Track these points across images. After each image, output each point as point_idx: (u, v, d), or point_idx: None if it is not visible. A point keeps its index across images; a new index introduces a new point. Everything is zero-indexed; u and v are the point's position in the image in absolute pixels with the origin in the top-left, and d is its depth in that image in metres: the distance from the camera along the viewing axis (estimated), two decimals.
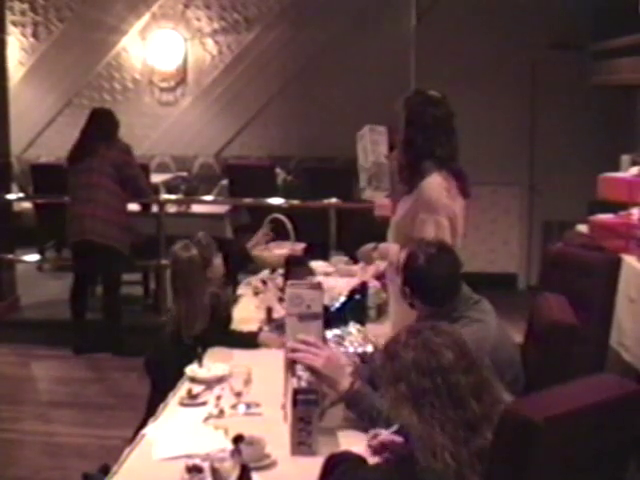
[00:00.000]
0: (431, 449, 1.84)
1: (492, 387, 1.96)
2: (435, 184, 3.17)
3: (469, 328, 2.62)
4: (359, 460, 2.10)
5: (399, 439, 2.08)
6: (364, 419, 2.46)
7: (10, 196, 7.15)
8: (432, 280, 2.71)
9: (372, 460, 2.14)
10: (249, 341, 3.41)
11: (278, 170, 8.57)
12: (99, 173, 5.83)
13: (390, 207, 3.54)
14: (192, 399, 2.81)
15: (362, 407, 2.50)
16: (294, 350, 2.56)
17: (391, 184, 3.53)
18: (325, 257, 5.00)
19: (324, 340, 2.73)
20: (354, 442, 2.38)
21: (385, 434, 2.16)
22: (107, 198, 5.85)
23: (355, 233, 6.49)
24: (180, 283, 3.45)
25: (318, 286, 2.71)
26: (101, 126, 5.95)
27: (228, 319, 3.52)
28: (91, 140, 5.90)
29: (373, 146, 3.54)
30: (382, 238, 3.59)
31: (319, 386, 2.49)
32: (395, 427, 2.10)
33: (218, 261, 3.57)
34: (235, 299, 4.03)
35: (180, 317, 3.40)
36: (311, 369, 2.50)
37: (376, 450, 2.17)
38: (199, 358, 3.09)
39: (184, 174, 8.63)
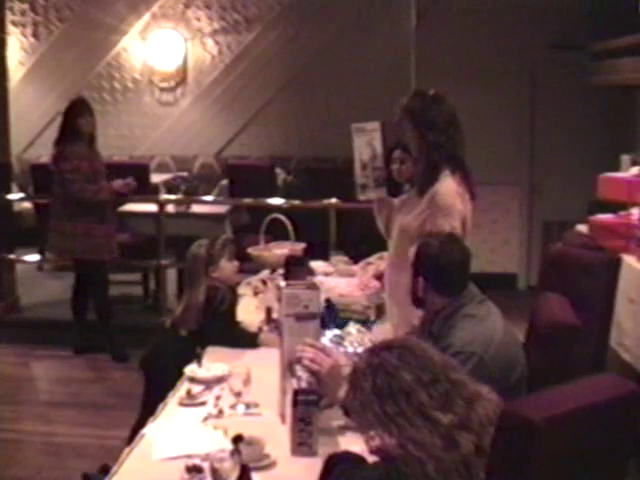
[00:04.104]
0: (413, 465, 1.84)
1: (464, 387, 1.93)
2: (450, 190, 3.16)
3: (476, 328, 2.62)
4: (358, 460, 2.11)
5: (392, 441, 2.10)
6: None
7: (10, 196, 7.14)
8: (447, 264, 2.71)
9: (371, 459, 2.14)
10: (249, 340, 3.42)
11: (278, 170, 8.57)
12: (55, 183, 5.78)
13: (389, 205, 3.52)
14: (191, 399, 2.81)
15: None
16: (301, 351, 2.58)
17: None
18: (325, 257, 5.00)
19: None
20: (354, 442, 2.38)
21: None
22: (62, 209, 5.74)
23: (355, 233, 6.51)
24: (185, 276, 3.68)
25: (315, 286, 2.71)
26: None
27: (229, 316, 3.52)
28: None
29: (376, 145, 3.48)
30: (382, 238, 3.59)
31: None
32: None
33: (227, 264, 3.59)
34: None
35: (180, 310, 3.52)
36: (313, 373, 2.50)
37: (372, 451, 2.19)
38: (198, 358, 3.10)
39: (184, 174, 8.61)
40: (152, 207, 6.67)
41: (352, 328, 3.32)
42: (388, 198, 3.50)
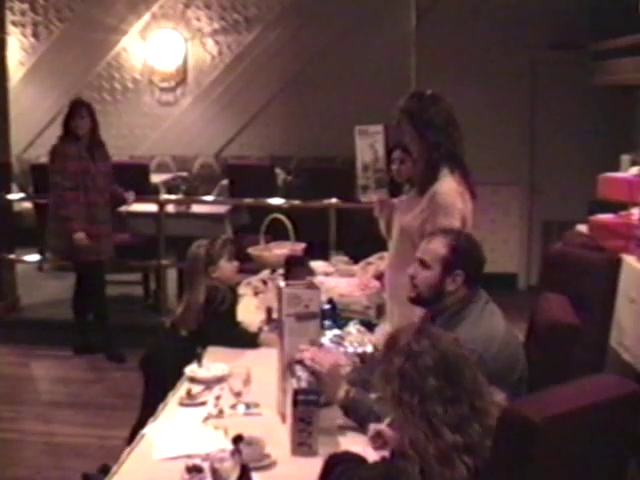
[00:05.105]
0: (408, 463, 1.85)
1: (487, 416, 1.91)
2: (450, 189, 3.16)
3: (478, 327, 2.62)
4: (359, 460, 2.11)
5: (391, 432, 2.11)
6: (363, 425, 2.46)
7: (10, 196, 7.14)
8: (481, 254, 2.77)
9: (373, 458, 2.15)
10: (249, 340, 3.42)
11: (278, 170, 8.57)
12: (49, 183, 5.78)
13: (383, 211, 3.52)
14: (191, 399, 2.81)
15: (360, 414, 2.52)
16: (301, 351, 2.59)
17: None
18: (325, 257, 5.00)
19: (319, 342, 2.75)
20: (354, 442, 2.39)
21: (381, 425, 2.21)
22: (55, 209, 5.72)
23: (355, 233, 6.50)
24: (185, 277, 3.69)
25: (315, 286, 2.71)
26: None
27: (230, 316, 3.53)
28: None
29: (378, 147, 3.50)
30: (382, 238, 3.59)
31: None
32: (389, 420, 2.13)
33: (227, 264, 3.59)
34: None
35: (180, 310, 3.52)
36: (314, 372, 2.50)
37: (373, 439, 2.20)
38: (198, 358, 3.10)
39: (184, 174, 8.63)
40: (152, 207, 6.67)
41: (352, 328, 3.32)
42: (389, 199, 3.50)
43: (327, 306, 3.50)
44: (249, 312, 3.81)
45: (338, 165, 8.62)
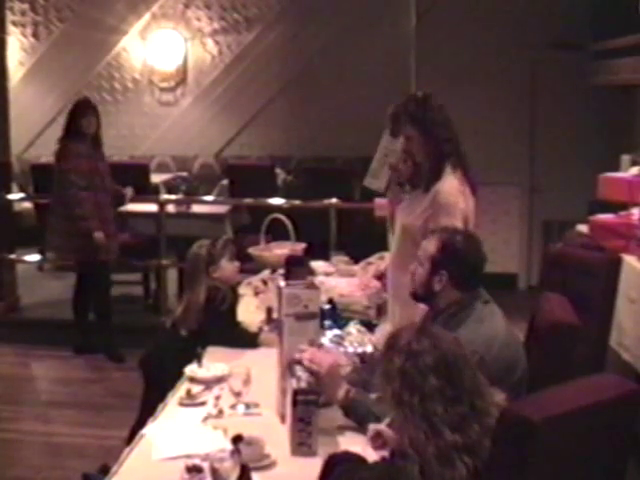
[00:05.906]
0: (408, 462, 1.85)
1: (487, 416, 1.90)
2: (453, 188, 3.16)
3: (479, 328, 2.62)
4: (358, 460, 2.11)
5: (391, 432, 2.11)
6: (363, 425, 2.46)
7: (10, 196, 7.14)
8: (474, 260, 2.71)
9: (373, 458, 2.15)
10: (249, 340, 3.42)
11: (278, 170, 8.56)
12: (55, 181, 5.77)
13: (389, 207, 3.53)
14: (191, 399, 2.81)
15: (360, 414, 2.52)
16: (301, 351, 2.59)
17: (389, 185, 3.51)
18: (325, 257, 5.00)
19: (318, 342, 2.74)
20: (354, 442, 2.39)
21: (381, 425, 2.22)
22: (62, 208, 5.70)
23: (355, 233, 6.51)
24: (186, 277, 3.70)
25: (314, 286, 2.71)
26: None
27: (230, 316, 3.53)
28: None
29: (388, 143, 3.52)
30: (382, 238, 3.59)
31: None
32: (388, 420, 2.13)
33: (228, 265, 3.59)
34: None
35: (180, 310, 3.52)
36: (313, 373, 2.50)
37: (373, 439, 2.20)
38: (198, 358, 3.10)
39: (184, 174, 8.63)
40: (152, 207, 6.67)
41: (352, 328, 3.32)
42: (399, 192, 3.50)
43: (327, 306, 3.50)
44: (249, 312, 3.81)
45: (338, 165, 8.62)
